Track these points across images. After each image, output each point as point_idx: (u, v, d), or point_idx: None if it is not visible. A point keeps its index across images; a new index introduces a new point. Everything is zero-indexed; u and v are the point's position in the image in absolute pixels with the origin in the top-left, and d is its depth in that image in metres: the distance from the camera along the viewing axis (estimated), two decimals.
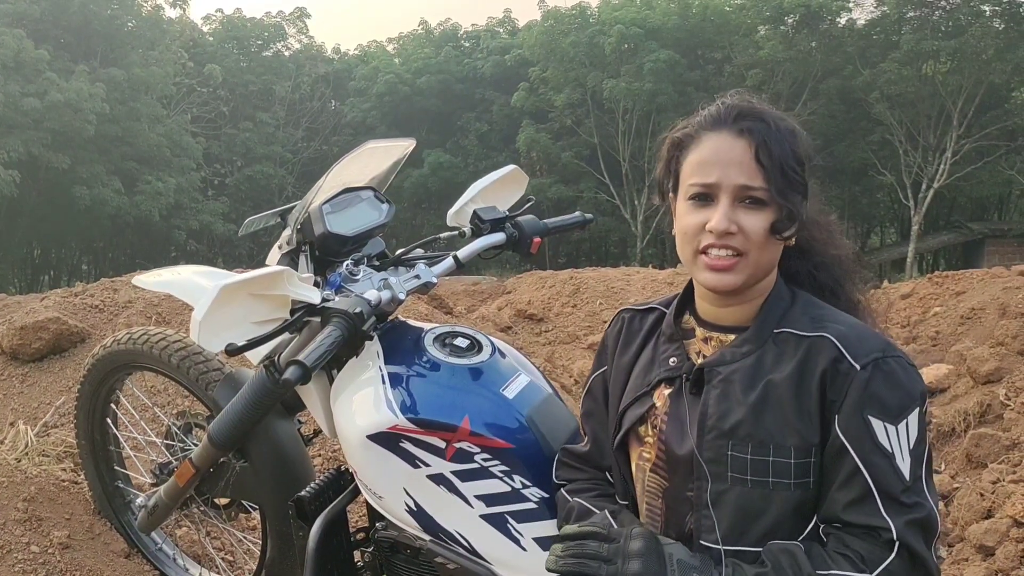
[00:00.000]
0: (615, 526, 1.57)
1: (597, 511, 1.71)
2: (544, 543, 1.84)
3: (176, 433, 2.73)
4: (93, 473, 3.11)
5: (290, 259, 2.26)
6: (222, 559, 3.23)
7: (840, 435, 1.43)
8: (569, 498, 1.79)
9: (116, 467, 3.12)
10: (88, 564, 2.90)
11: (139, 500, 2.72)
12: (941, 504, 4.20)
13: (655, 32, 31.28)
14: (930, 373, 5.54)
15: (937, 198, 30.43)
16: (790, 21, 30.37)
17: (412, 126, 35.43)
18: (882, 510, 1.40)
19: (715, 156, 1.49)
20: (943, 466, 4.66)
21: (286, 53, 40.61)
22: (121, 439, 3.12)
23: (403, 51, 42.18)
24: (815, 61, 29.94)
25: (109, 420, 3.03)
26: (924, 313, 7.18)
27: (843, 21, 30.70)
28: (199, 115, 36.75)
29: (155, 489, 2.64)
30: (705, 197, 1.50)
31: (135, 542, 3.10)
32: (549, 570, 1.47)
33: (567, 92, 32.39)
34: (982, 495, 3.96)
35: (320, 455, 3.98)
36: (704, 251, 1.50)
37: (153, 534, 3.07)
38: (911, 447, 1.42)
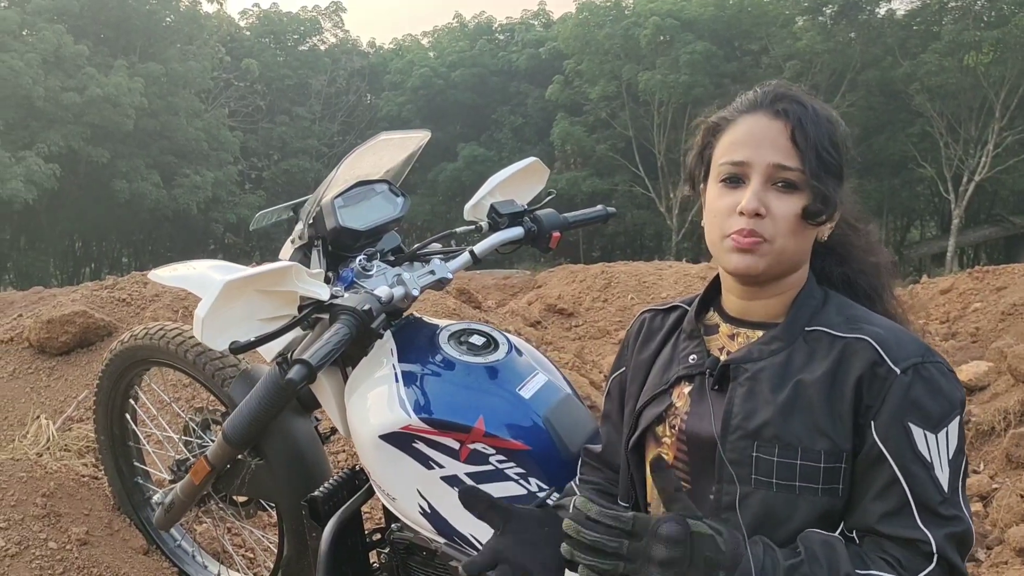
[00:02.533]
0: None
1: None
2: None
3: (194, 429, 2.70)
4: (112, 469, 3.10)
5: (303, 254, 2.21)
6: (242, 556, 3.21)
7: (878, 442, 1.35)
8: (577, 489, 1.74)
9: (136, 463, 3.11)
10: (106, 561, 2.88)
11: (156, 497, 2.70)
12: (979, 505, 4.10)
13: (691, 24, 31.06)
14: (969, 370, 5.42)
15: (978, 191, 29.88)
16: (828, 12, 30.03)
17: (447, 119, 35.53)
18: (919, 522, 1.32)
19: (748, 136, 1.44)
20: (982, 466, 4.55)
21: (322, 47, 40.94)
22: (140, 435, 3.10)
23: (438, 44, 42.30)
24: (854, 52, 29.55)
25: (128, 416, 3.02)
26: (964, 309, 7.05)
27: (882, 11, 30.28)
28: (236, 109, 37.15)
29: (172, 486, 2.62)
30: (736, 179, 1.44)
31: (154, 539, 3.08)
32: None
33: (602, 85, 32.27)
34: (1022, 497, 3.86)
35: (344, 450, 3.95)
36: (731, 235, 1.43)
37: (172, 531, 3.06)
38: (950, 457, 1.35)
